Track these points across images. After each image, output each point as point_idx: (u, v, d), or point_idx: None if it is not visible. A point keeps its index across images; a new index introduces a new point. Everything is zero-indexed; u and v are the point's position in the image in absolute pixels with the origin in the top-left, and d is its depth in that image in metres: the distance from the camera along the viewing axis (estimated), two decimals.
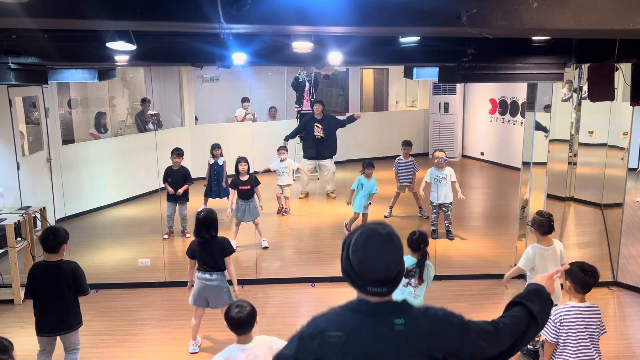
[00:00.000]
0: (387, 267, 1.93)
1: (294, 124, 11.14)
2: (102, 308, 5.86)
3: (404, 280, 4.52)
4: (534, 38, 4.86)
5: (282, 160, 8.70)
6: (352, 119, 9.74)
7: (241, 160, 7.35)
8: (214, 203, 8.21)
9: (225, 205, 7.85)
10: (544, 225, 4.53)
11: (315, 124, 9.64)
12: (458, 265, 6.75)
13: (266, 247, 7.39)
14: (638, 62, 4.80)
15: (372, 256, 1.93)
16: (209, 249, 4.82)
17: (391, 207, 8.61)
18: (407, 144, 8.50)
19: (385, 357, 1.92)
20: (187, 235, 7.85)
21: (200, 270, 4.86)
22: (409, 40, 4.89)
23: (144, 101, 10.60)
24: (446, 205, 7.58)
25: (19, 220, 5.92)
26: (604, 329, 3.65)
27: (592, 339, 3.58)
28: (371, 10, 2.83)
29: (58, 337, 4.33)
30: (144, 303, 6.03)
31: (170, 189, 7.75)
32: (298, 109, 11.27)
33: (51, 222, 7.21)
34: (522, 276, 5.19)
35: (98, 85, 9.81)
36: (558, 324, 3.57)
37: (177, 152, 7.83)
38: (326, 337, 1.93)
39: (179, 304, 5.95)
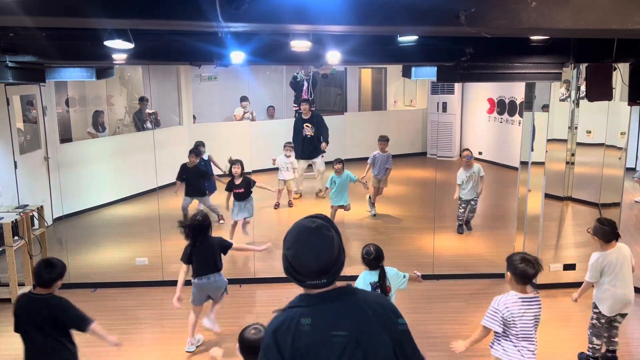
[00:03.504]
0: (318, 260, 1.99)
1: (292, 123, 11.12)
2: (99, 307, 5.84)
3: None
4: (533, 37, 4.86)
5: (287, 157, 8.85)
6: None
7: (234, 162, 7.14)
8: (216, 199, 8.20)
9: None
10: (608, 234, 4.61)
11: (305, 124, 9.65)
12: (455, 265, 6.75)
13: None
14: (636, 62, 4.81)
15: (303, 251, 2.00)
16: (207, 251, 4.82)
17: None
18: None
19: (338, 338, 1.97)
20: (221, 221, 8.03)
21: (196, 277, 4.84)
22: (408, 39, 4.89)
23: (142, 100, 10.58)
24: (474, 199, 7.81)
25: (16, 219, 5.91)
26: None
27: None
28: (370, 9, 2.83)
29: None
30: (142, 302, 6.02)
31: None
32: (296, 108, 11.24)
33: (49, 221, 7.20)
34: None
35: (96, 83, 9.80)
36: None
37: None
38: (278, 339, 1.98)
39: None
